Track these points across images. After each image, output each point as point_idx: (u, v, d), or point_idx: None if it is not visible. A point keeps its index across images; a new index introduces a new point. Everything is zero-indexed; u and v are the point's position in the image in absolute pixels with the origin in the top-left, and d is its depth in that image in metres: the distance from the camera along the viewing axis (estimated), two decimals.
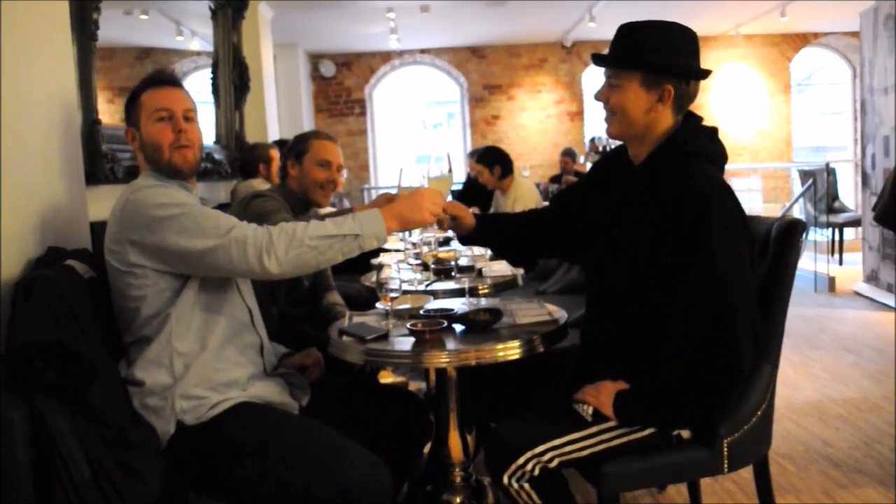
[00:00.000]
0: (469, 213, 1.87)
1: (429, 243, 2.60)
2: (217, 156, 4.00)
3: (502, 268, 2.74)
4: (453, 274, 2.61)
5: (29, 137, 1.76)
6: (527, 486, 1.59)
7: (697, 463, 1.69)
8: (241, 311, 1.72)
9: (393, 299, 1.83)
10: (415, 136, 9.92)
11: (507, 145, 8.99)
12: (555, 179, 7.74)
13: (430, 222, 1.66)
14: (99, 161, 2.33)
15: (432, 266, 2.60)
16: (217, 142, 4.29)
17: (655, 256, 1.57)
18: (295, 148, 2.50)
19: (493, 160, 4.76)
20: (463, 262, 2.91)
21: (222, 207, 3.60)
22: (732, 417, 1.67)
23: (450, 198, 1.95)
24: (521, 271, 2.65)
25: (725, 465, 1.69)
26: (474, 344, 1.65)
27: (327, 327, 2.54)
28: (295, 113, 6.98)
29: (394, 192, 1.88)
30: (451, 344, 1.64)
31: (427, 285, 2.49)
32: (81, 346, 1.45)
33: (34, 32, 1.82)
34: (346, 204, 6.16)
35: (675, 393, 1.55)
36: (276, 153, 3.75)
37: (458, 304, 2.05)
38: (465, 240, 1.94)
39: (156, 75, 1.77)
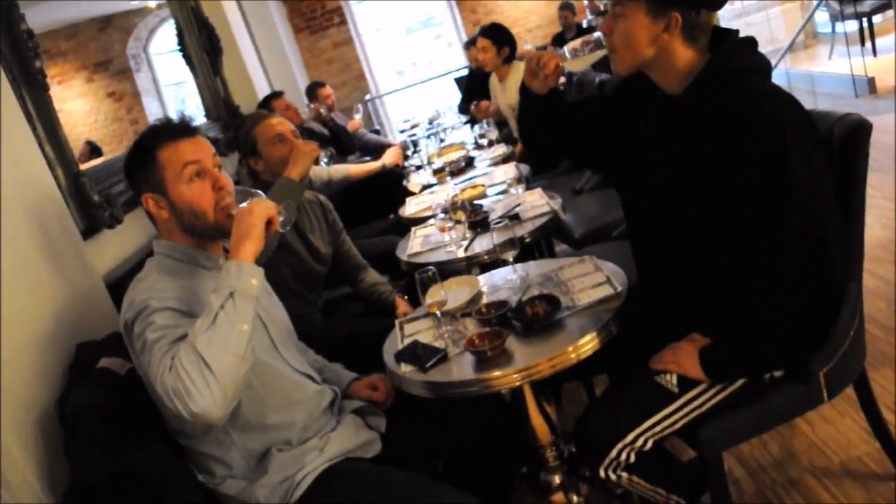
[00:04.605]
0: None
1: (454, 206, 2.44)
2: (210, 135, 3.80)
3: (537, 200, 2.59)
4: (489, 222, 2.47)
5: (19, 241, 1.64)
6: (624, 474, 1.54)
7: (795, 401, 1.60)
8: (299, 385, 1.63)
9: (440, 305, 1.72)
10: (404, 32, 9.41)
11: (500, 13, 8.49)
12: (557, 39, 7.29)
13: (276, 218, 1.41)
14: (95, 212, 2.19)
15: (465, 221, 2.47)
16: (207, 116, 4.08)
17: (723, 192, 1.44)
18: (244, 146, 2.45)
19: (501, 38, 4.28)
20: (493, 201, 2.77)
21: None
22: (824, 347, 1.56)
23: None
24: (559, 204, 2.50)
25: (825, 395, 1.59)
26: (543, 349, 1.53)
27: (376, 312, 2.51)
28: (277, 50, 6.55)
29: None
30: (518, 355, 1.54)
31: (467, 245, 2.36)
32: (143, 464, 1.40)
33: None
34: (357, 117, 5.83)
35: (774, 333, 1.46)
36: None
37: (506, 282, 1.93)
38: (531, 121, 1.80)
39: (167, 126, 1.51)
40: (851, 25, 6.71)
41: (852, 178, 1.56)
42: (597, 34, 1.61)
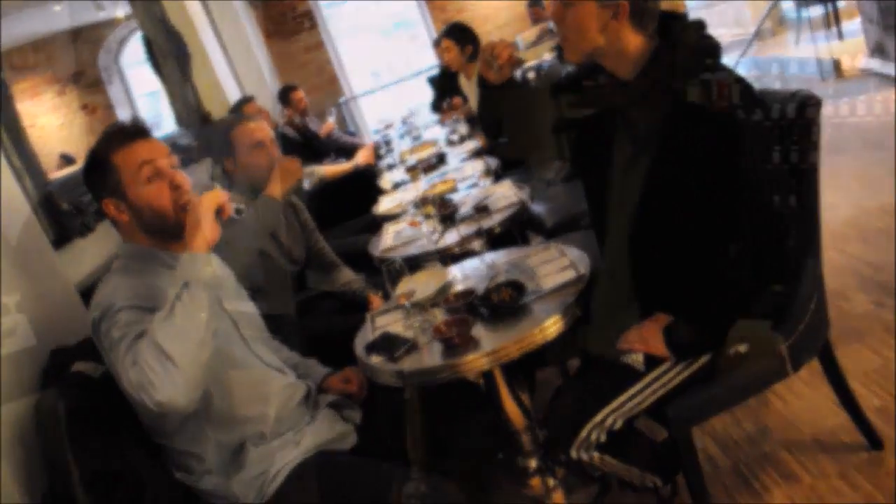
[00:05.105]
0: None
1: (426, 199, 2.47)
2: (183, 142, 3.80)
3: (506, 192, 2.61)
4: (456, 216, 2.50)
5: None
6: (596, 454, 1.57)
7: (761, 374, 1.64)
8: (270, 378, 1.64)
9: (409, 296, 1.74)
10: (379, 34, 9.42)
11: (471, 11, 8.52)
12: None
13: (227, 205, 1.46)
14: (66, 220, 2.20)
15: (435, 215, 2.49)
16: (179, 123, 4.07)
17: (678, 173, 1.48)
18: (221, 147, 2.41)
19: (464, 38, 4.30)
20: (464, 195, 2.79)
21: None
22: (785, 322, 1.60)
23: None
24: (527, 194, 2.53)
25: (789, 368, 1.63)
26: (511, 333, 1.56)
27: (350, 308, 2.52)
28: (248, 56, 6.53)
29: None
30: (485, 340, 1.56)
31: (438, 238, 2.39)
32: (120, 464, 1.42)
33: None
34: (330, 120, 5.86)
35: (735, 307, 1.50)
36: None
37: (474, 271, 1.95)
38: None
39: (120, 130, 1.54)
40: (817, 10, 6.80)
41: (805, 153, 1.60)
42: (550, 23, 1.64)
